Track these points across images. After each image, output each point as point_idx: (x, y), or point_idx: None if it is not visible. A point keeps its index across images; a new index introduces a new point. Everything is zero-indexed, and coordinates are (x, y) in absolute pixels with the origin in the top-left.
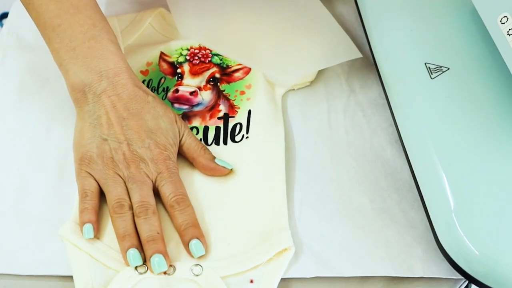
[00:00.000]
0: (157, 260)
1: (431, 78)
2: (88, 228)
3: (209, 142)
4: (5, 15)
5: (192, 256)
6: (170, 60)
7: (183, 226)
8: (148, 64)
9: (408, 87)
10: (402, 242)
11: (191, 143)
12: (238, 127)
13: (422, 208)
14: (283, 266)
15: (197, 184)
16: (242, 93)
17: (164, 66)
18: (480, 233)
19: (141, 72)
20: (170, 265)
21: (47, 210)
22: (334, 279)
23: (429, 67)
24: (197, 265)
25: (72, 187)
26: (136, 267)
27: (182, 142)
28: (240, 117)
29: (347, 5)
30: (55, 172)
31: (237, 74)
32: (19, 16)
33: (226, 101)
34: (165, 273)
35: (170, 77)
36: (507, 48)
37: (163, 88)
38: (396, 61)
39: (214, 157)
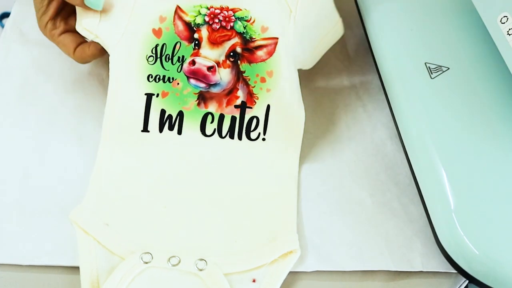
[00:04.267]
0: None
1: (431, 78)
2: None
3: (223, 134)
4: (5, 15)
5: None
6: (187, 19)
7: None
8: (162, 19)
9: (408, 87)
10: (401, 236)
11: None
12: (254, 121)
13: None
14: (287, 268)
15: (208, 181)
16: (263, 80)
17: (180, 26)
18: (480, 233)
19: (154, 31)
20: (175, 256)
21: (50, 202)
22: (334, 273)
23: (429, 67)
24: (201, 259)
25: (75, 179)
26: (141, 257)
27: None
28: (258, 110)
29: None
30: (58, 164)
31: (259, 53)
32: (22, 11)
33: (245, 86)
34: (169, 261)
35: (186, 43)
36: (507, 48)
37: (178, 58)
38: (396, 61)
39: None
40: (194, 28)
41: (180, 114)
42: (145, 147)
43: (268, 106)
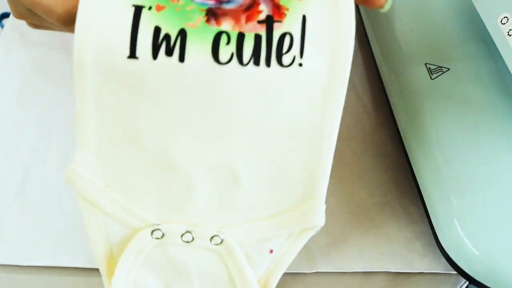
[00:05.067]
0: None
1: (431, 78)
2: None
3: (245, 61)
4: (5, 15)
5: None
6: None
7: None
8: None
9: (408, 88)
10: (402, 237)
11: None
12: (287, 39)
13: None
14: (304, 240)
15: (223, 128)
16: None
17: None
18: (480, 234)
19: None
20: (189, 232)
21: (50, 202)
22: (335, 274)
23: (429, 68)
24: (217, 235)
25: None
26: (152, 232)
27: None
28: (290, 24)
29: None
30: (58, 166)
31: None
32: None
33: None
34: (182, 238)
35: None
36: (507, 49)
37: None
38: (396, 61)
39: None
40: None
41: (182, 33)
42: (134, 81)
43: (304, 17)
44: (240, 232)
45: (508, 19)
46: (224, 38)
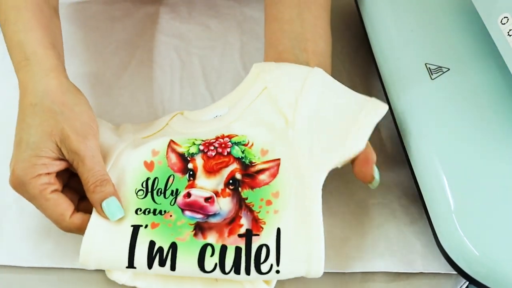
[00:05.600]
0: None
1: (431, 78)
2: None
3: (227, 270)
4: None
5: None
6: (180, 150)
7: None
8: (155, 153)
9: (408, 88)
10: (402, 237)
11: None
12: (264, 250)
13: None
14: None
15: None
16: (269, 203)
17: (173, 159)
18: (480, 234)
19: (145, 164)
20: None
21: None
22: (335, 274)
23: (429, 68)
24: None
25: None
26: None
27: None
28: (266, 237)
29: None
30: None
31: (262, 177)
32: None
33: (249, 213)
34: None
35: (180, 175)
36: (507, 49)
37: (172, 191)
38: (396, 62)
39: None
40: (188, 158)
41: (173, 246)
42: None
43: (279, 230)
44: None
45: (508, 19)
46: (209, 251)
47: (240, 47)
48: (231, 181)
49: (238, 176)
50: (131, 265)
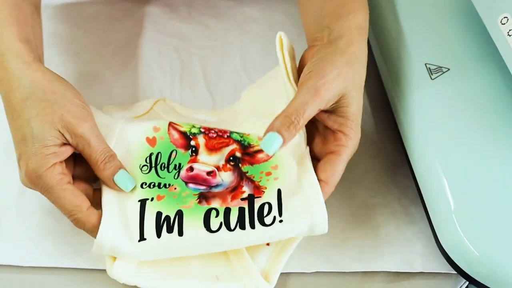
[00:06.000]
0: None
1: (431, 79)
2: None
3: (232, 227)
4: None
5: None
6: (182, 129)
7: None
8: (156, 129)
9: (408, 88)
10: (402, 237)
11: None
12: (266, 207)
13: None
14: (299, 237)
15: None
16: (268, 174)
17: (175, 135)
18: (480, 234)
19: (148, 140)
20: None
21: (50, 204)
22: (335, 274)
23: (429, 68)
24: None
25: None
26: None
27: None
28: (268, 197)
29: None
30: None
31: (260, 155)
32: None
33: (250, 182)
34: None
35: (183, 150)
36: (507, 49)
37: (175, 165)
38: (396, 62)
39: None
40: (190, 136)
41: (179, 213)
42: (144, 256)
43: (279, 191)
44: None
45: (508, 19)
46: (213, 213)
47: (240, 47)
48: (231, 158)
49: (238, 154)
50: (142, 237)
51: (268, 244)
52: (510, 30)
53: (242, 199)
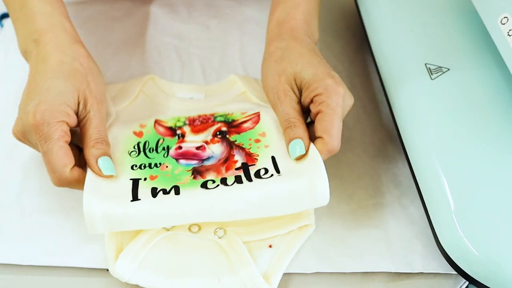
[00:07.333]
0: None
1: (431, 78)
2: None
3: (230, 183)
4: (5, 15)
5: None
6: (167, 125)
7: None
8: (142, 125)
9: (408, 88)
10: (402, 237)
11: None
12: (263, 170)
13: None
14: (303, 238)
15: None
16: (257, 141)
17: (161, 129)
18: (480, 234)
19: (135, 133)
20: (195, 225)
21: (50, 202)
22: (335, 275)
23: (429, 68)
24: (221, 228)
25: None
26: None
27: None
28: (263, 164)
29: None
30: None
31: (246, 125)
32: None
33: (240, 150)
34: (190, 230)
35: (170, 137)
36: (507, 49)
37: (163, 147)
38: (396, 62)
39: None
40: (176, 128)
41: (175, 188)
42: (137, 218)
43: (273, 157)
44: (241, 232)
45: (508, 19)
46: (210, 182)
47: (240, 47)
48: (218, 133)
49: (224, 128)
50: (135, 198)
51: (270, 246)
52: (510, 30)
53: (237, 169)
